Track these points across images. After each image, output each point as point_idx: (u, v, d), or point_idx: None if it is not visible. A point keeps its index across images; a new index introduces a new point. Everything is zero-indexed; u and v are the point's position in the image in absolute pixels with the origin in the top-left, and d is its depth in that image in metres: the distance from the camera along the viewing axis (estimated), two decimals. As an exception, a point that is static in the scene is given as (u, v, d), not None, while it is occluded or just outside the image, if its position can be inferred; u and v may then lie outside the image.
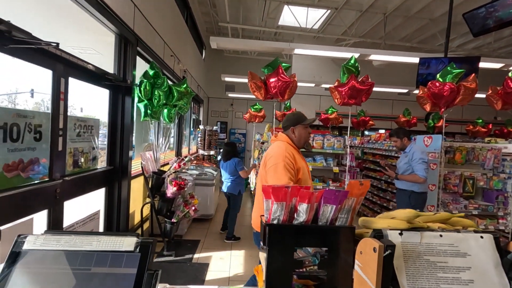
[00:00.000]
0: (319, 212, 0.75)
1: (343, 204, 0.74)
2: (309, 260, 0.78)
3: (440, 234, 0.74)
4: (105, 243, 0.76)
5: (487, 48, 8.03)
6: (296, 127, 2.06)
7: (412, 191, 3.33)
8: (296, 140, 2.07)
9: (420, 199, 3.33)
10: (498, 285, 0.69)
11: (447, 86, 3.39)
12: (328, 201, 0.73)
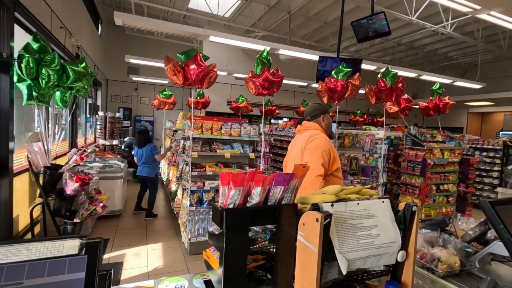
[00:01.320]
0: (270, 194, 0.85)
1: (289, 185, 0.86)
2: (261, 237, 0.87)
3: (357, 203, 0.94)
4: (38, 250, 0.66)
5: (364, 52, 9.81)
6: (326, 115, 2.16)
7: None
8: (325, 127, 2.14)
9: None
10: (394, 235, 0.95)
11: (339, 83, 4.04)
12: (278, 183, 0.83)
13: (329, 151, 1.99)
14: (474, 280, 1.42)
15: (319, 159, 1.92)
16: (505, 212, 1.44)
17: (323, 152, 1.95)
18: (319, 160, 1.92)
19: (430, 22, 6.71)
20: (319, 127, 2.13)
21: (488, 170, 6.57)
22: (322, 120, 2.17)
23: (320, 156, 1.93)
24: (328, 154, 1.98)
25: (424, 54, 10.30)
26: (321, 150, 1.95)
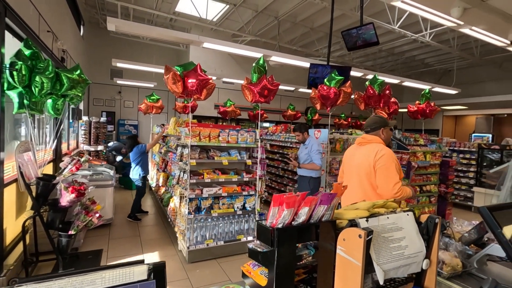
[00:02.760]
0: (313, 212, 0.91)
1: (331, 203, 0.92)
2: (306, 253, 0.92)
3: (387, 217, 1.02)
4: (111, 278, 0.68)
5: (348, 57, 10.13)
6: (385, 128, 2.29)
7: (311, 177, 3.99)
8: (384, 139, 2.27)
9: (316, 183, 4.05)
10: (419, 245, 1.04)
11: (332, 90, 4.18)
12: (322, 203, 0.89)
13: (398, 164, 2.18)
14: (475, 280, 1.54)
15: (396, 175, 2.11)
16: (501, 217, 1.58)
17: (395, 166, 2.14)
18: (396, 175, 2.11)
19: (410, 31, 7.07)
20: (380, 140, 2.26)
21: (464, 171, 6.99)
22: (382, 133, 2.30)
23: (395, 172, 2.12)
24: (398, 167, 2.17)
25: (403, 60, 10.79)
26: (394, 166, 2.13)
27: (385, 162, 2.15)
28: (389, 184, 2.11)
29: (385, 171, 2.13)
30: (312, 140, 4.09)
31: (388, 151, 2.19)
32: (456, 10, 2.26)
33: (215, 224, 3.62)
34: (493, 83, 10.59)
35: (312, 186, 3.99)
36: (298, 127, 4.20)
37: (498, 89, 10.31)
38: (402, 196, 2.11)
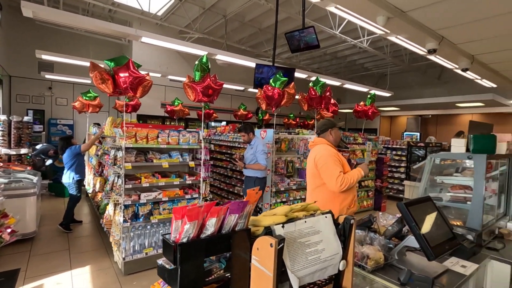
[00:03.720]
0: (224, 222, 0.84)
1: (244, 211, 0.87)
2: (216, 267, 0.85)
3: (305, 221, 1.01)
4: None
5: (295, 59, 10.48)
6: (333, 129, 2.49)
7: (256, 177, 3.99)
8: (333, 140, 2.49)
9: (262, 183, 4.08)
10: (336, 247, 1.04)
11: (276, 91, 4.24)
12: (232, 212, 0.83)
13: (336, 158, 2.36)
14: (395, 271, 1.65)
15: (335, 168, 2.30)
16: (416, 211, 1.72)
17: (334, 161, 2.33)
18: (336, 169, 2.30)
19: (350, 36, 7.56)
20: (325, 141, 2.49)
21: (396, 166, 7.72)
22: (330, 134, 2.51)
23: (334, 165, 2.31)
24: (338, 160, 2.35)
25: (346, 64, 11.54)
26: (332, 161, 2.32)
27: (324, 161, 2.35)
28: (332, 180, 2.30)
29: (326, 170, 2.33)
30: (257, 141, 4.09)
31: (325, 151, 2.39)
32: (381, 19, 2.43)
33: (155, 230, 3.40)
34: (419, 87, 11.93)
35: (258, 186, 4.00)
36: (243, 127, 4.17)
37: (424, 93, 11.65)
38: (348, 185, 2.30)
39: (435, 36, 3.03)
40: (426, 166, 2.50)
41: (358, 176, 2.37)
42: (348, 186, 2.29)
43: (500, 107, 10.14)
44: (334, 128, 2.51)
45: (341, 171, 2.31)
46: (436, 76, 10.96)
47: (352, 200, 2.46)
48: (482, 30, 2.93)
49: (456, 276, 1.68)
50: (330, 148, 2.44)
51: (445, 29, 2.93)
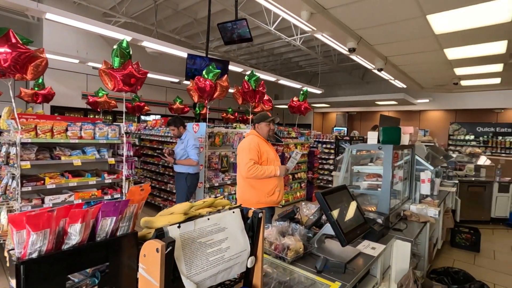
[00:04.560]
0: (97, 228, 0.68)
1: (124, 213, 0.72)
2: (87, 283, 0.69)
3: (207, 218, 0.91)
4: None
5: (233, 53, 10.39)
6: (260, 124, 2.66)
7: (188, 173, 3.78)
8: (261, 133, 2.67)
9: (194, 179, 3.89)
10: (243, 243, 0.97)
11: (208, 83, 4.07)
12: (107, 215, 0.68)
13: (253, 148, 2.51)
14: (313, 259, 1.69)
15: (247, 156, 2.49)
16: (332, 200, 1.79)
17: (250, 149, 2.50)
18: (247, 156, 2.49)
19: (284, 34, 7.78)
20: (255, 133, 2.68)
21: (326, 158, 8.30)
22: (260, 126, 2.67)
23: (248, 153, 2.49)
24: (253, 150, 2.51)
25: (282, 61, 11.92)
26: (248, 149, 2.51)
27: (241, 148, 2.58)
28: (241, 166, 2.52)
29: (240, 156, 2.56)
30: (188, 135, 3.87)
31: (247, 140, 2.61)
32: (305, 14, 2.49)
33: (66, 239, 2.94)
34: (346, 86, 13.06)
35: (190, 183, 3.81)
36: (172, 121, 3.90)
37: (350, 91, 12.78)
38: (256, 174, 2.48)
39: (354, 36, 3.26)
40: (345, 157, 2.67)
41: (271, 172, 2.53)
42: (256, 175, 2.48)
43: (410, 106, 11.74)
44: (263, 121, 2.66)
45: (254, 160, 2.48)
46: (360, 77, 12.10)
47: (272, 189, 2.61)
48: (392, 33, 3.26)
49: (366, 258, 1.81)
50: (254, 138, 2.61)
51: (362, 30, 3.17)
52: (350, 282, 1.50)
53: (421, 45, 3.66)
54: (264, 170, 2.50)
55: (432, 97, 11.03)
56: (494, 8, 2.57)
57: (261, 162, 2.57)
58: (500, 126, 10.45)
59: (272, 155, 2.68)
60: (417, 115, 12.47)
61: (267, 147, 2.68)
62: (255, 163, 2.50)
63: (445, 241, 4.25)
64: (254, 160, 2.50)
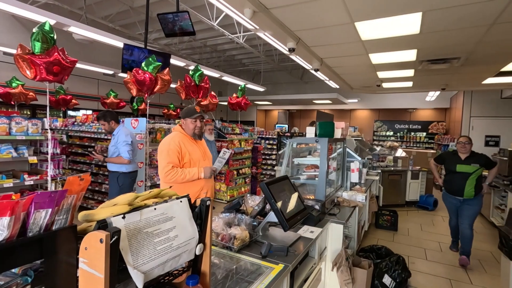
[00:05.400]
0: (29, 222, 0.63)
1: (61, 204, 0.67)
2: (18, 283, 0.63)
3: (154, 208, 0.90)
4: None
5: (175, 47, 9.98)
6: (186, 120, 2.37)
7: (120, 172, 3.51)
8: (187, 130, 2.39)
9: (128, 178, 3.58)
10: (192, 231, 0.99)
11: (147, 76, 3.87)
12: (41, 206, 0.62)
13: (174, 148, 2.28)
14: (259, 246, 1.78)
15: (165, 158, 2.26)
16: (275, 189, 1.90)
17: (168, 151, 2.26)
18: (165, 159, 2.26)
19: (228, 31, 7.79)
20: (180, 129, 2.42)
21: (269, 154, 8.62)
22: (185, 122, 2.39)
23: (165, 155, 2.26)
24: (173, 151, 2.27)
25: (225, 58, 11.91)
26: (166, 150, 2.27)
27: (160, 149, 2.34)
28: (159, 169, 2.32)
29: (158, 159, 2.35)
30: (120, 130, 3.57)
31: (167, 139, 2.36)
32: (248, 12, 2.56)
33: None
34: (287, 85, 13.71)
35: (122, 183, 3.51)
36: (102, 115, 3.59)
37: (290, 90, 13.45)
38: (176, 178, 2.27)
39: (293, 36, 3.47)
40: (287, 150, 2.84)
41: (194, 176, 2.33)
42: (175, 179, 2.26)
43: (342, 105, 12.91)
44: (189, 117, 2.37)
45: (173, 163, 2.25)
46: (299, 76, 12.82)
47: (197, 192, 2.41)
48: (326, 37, 3.56)
49: (306, 240, 1.97)
50: (176, 136, 2.34)
51: (301, 31, 3.39)
52: (292, 263, 1.62)
53: (350, 49, 4.08)
54: (185, 173, 2.29)
55: (360, 97, 12.32)
56: (407, 21, 3.02)
57: (183, 164, 2.34)
58: (412, 124, 12.24)
59: (198, 155, 2.42)
60: (348, 114, 13.78)
61: (193, 146, 2.41)
62: (174, 166, 2.26)
63: (371, 223, 4.84)
64: (173, 163, 2.26)
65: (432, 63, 4.56)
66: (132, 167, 3.63)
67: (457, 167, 3.48)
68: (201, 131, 2.45)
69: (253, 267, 1.60)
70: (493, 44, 3.69)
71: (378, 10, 2.77)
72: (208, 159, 2.54)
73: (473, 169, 3.39)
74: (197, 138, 2.46)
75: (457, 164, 3.49)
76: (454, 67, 4.79)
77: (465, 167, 3.44)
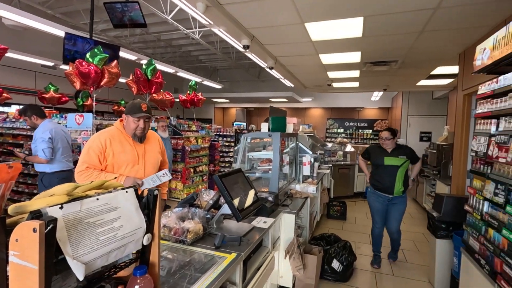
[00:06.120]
0: None
1: (-14, 193, 0.62)
2: None
3: (97, 198, 0.87)
4: None
5: (125, 40, 9.40)
6: (127, 117, 2.03)
7: (44, 172, 3.23)
8: (126, 128, 2.07)
9: (54, 178, 3.25)
10: (138, 221, 0.98)
11: (92, 68, 3.61)
12: (-39, 195, 0.57)
13: (98, 147, 1.97)
14: (212, 238, 1.80)
15: (82, 158, 1.99)
16: (228, 182, 1.93)
17: (89, 149, 1.98)
18: (82, 158, 1.99)
19: (183, 25, 7.58)
20: (119, 125, 2.10)
21: (227, 151, 8.63)
22: (127, 119, 2.05)
23: (84, 155, 1.99)
24: (95, 151, 1.97)
25: (181, 54, 11.56)
26: (87, 148, 1.99)
27: (84, 146, 2.05)
28: (76, 169, 2.00)
29: (80, 156, 2.05)
30: (41, 126, 3.24)
31: (93, 137, 2.04)
32: (201, 6, 2.54)
33: None
34: (245, 83, 13.81)
35: (48, 184, 3.17)
36: (23, 110, 3.26)
37: (248, 88, 13.58)
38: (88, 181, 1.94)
39: (248, 34, 3.52)
40: (241, 145, 2.90)
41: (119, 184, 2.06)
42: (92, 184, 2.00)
43: (297, 103, 13.42)
44: (131, 115, 2.00)
45: (89, 163, 1.95)
46: (256, 75, 13.00)
47: None
48: (279, 36, 3.68)
49: (259, 230, 2.04)
50: (108, 133, 2.03)
51: (254, 29, 3.46)
52: (244, 252, 1.68)
53: (302, 49, 4.28)
54: (100, 178, 1.94)
55: (314, 96, 12.93)
56: (351, 24, 3.27)
57: (106, 166, 2.00)
58: (360, 121, 13.22)
59: (128, 158, 2.03)
60: (303, 112, 14.37)
61: (126, 147, 2.04)
62: (89, 167, 1.95)
63: (322, 214, 5.15)
64: (90, 164, 1.95)
65: (374, 65, 4.99)
66: (59, 166, 3.27)
67: (385, 159, 3.26)
68: (144, 133, 2.08)
69: (206, 258, 1.62)
70: (422, 50, 4.17)
71: (325, 13, 2.95)
72: (148, 164, 2.13)
73: (401, 161, 3.22)
74: (137, 141, 2.08)
75: (385, 157, 3.27)
76: (393, 69, 5.30)
77: (392, 159, 3.24)
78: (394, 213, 3.35)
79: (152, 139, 2.25)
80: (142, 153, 2.12)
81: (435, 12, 2.86)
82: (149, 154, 2.17)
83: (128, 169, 2.05)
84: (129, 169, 2.05)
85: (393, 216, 3.36)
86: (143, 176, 2.09)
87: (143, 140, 2.14)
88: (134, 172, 2.07)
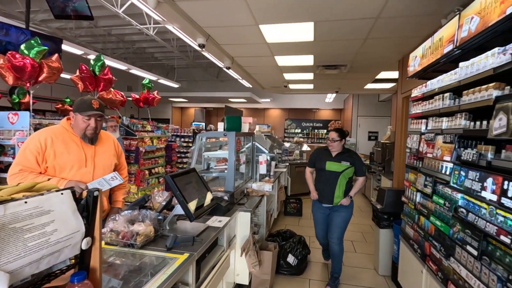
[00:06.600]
0: None
1: None
2: None
3: (25, 201, 0.80)
4: None
5: (70, 32, 8.65)
6: (76, 115, 1.81)
7: None
8: (74, 127, 1.84)
9: None
10: (76, 225, 0.92)
11: (28, 61, 3.27)
12: None
13: (36, 147, 1.74)
14: (164, 240, 1.75)
15: (17, 157, 1.78)
16: (180, 182, 1.90)
17: (25, 150, 1.76)
18: (16, 160, 1.78)
19: (136, 21, 7.21)
20: (66, 123, 1.87)
21: (185, 152, 8.43)
22: (75, 117, 1.82)
23: (18, 157, 1.77)
24: (33, 151, 1.74)
25: (135, 50, 10.97)
26: (24, 148, 1.77)
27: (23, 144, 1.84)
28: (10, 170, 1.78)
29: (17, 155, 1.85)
30: None
31: (33, 135, 1.83)
32: (152, 0, 2.45)
33: None
34: (203, 83, 13.61)
35: None
36: None
37: (206, 87, 13.40)
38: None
39: (203, 32, 3.49)
40: (197, 145, 2.86)
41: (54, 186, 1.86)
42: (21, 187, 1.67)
43: (256, 104, 13.60)
44: (80, 112, 1.79)
45: (23, 165, 1.73)
46: (215, 75, 12.88)
47: None
48: (234, 36, 3.71)
49: (214, 229, 2.04)
50: (50, 132, 1.81)
51: (209, 28, 3.44)
52: (197, 251, 1.67)
53: (258, 50, 4.36)
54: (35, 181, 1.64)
55: (273, 97, 13.22)
56: (303, 29, 3.43)
57: (46, 169, 1.78)
58: (316, 122, 13.85)
59: (72, 160, 1.82)
60: (262, 112, 14.61)
61: (71, 148, 1.82)
62: (24, 170, 1.72)
63: (280, 211, 5.29)
64: (25, 167, 1.73)
65: (326, 68, 5.29)
66: None
67: (327, 164, 2.94)
68: (96, 133, 1.87)
69: (157, 261, 1.58)
70: (368, 56, 4.53)
71: (278, 16, 3.05)
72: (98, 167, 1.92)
73: (342, 168, 2.88)
74: (88, 142, 1.86)
75: (327, 161, 2.95)
76: (343, 73, 5.66)
77: (334, 164, 2.92)
78: (336, 220, 2.98)
79: (105, 140, 2.03)
80: (91, 155, 1.90)
81: (376, 21, 3.12)
82: (101, 156, 1.95)
83: (73, 172, 1.82)
84: (74, 172, 1.82)
85: (334, 223, 2.99)
86: (91, 180, 1.87)
87: (95, 141, 1.92)
88: (80, 175, 1.84)
